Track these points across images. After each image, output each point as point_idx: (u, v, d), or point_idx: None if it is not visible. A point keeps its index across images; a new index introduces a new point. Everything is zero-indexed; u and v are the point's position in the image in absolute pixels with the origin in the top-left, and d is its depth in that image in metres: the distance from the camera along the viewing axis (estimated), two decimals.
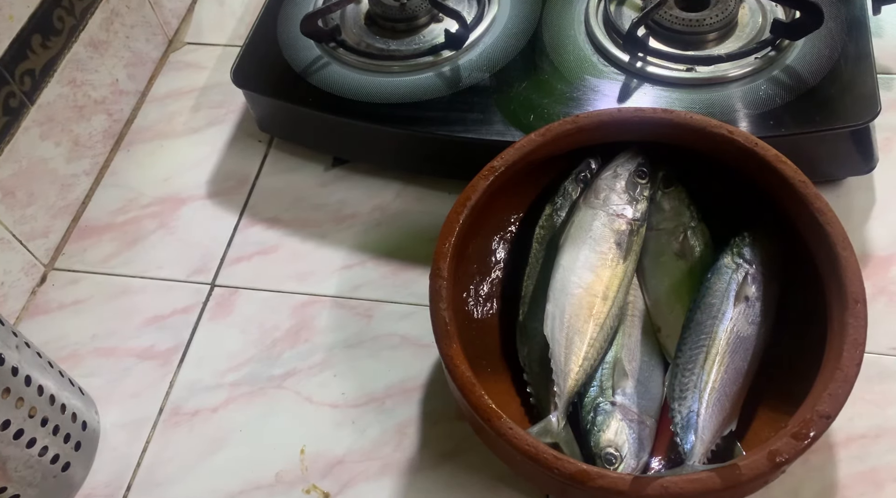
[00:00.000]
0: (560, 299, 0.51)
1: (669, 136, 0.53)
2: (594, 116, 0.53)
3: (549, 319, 0.50)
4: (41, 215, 0.65)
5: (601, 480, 0.41)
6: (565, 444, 0.47)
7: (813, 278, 0.48)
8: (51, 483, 0.52)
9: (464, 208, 0.50)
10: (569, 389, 0.48)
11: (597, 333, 0.50)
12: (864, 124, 0.57)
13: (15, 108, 0.62)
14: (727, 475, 0.40)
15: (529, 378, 0.52)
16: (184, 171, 0.71)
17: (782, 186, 0.49)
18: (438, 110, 0.62)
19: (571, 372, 0.48)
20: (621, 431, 0.47)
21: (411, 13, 0.68)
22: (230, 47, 0.81)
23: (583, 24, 0.66)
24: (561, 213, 0.55)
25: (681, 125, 0.52)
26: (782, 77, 0.60)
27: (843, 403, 0.41)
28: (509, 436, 0.43)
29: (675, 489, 0.40)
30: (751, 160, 0.50)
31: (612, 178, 0.54)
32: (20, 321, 0.64)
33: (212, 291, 0.64)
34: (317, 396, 0.57)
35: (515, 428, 0.43)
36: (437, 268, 0.48)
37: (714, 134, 0.51)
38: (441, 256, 0.49)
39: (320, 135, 0.69)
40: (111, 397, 0.59)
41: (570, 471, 0.41)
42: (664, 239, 0.55)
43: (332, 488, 0.53)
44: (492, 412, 0.44)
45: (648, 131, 0.53)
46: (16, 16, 0.62)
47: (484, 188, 0.51)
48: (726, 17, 0.62)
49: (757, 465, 0.40)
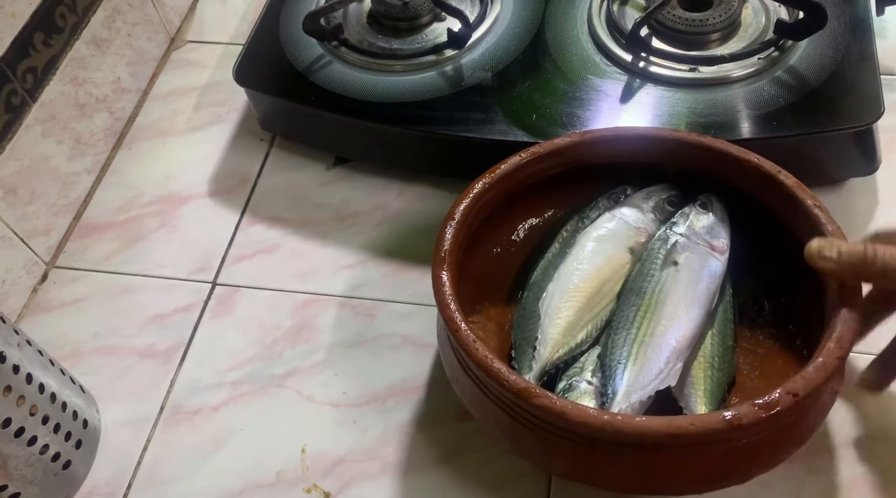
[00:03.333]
0: (563, 280, 0.52)
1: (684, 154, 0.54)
2: (624, 131, 0.55)
3: (547, 296, 0.51)
4: (43, 213, 0.65)
5: (544, 400, 0.41)
6: None
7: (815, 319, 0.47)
8: (51, 481, 0.52)
9: (471, 190, 0.52)
10: (547, 355, 0.49)
11: (588, 316, 0.50)
12: (867, 125, 0.57)
13: (17, 106, 0.62)
14: (675, 423, 0.40)
15: (515, 354, 0.52)
16: (185, 170, 0.71)
17: (797, 214, 0.49)
18: (441, 110, 0.62)
19: (552, 339, 0.49)
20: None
21: (414, 12, 0.68)
22: (232, 46, 0.81)
23: (586, 24, 0.66)
24: (586, 222, 0.56)
25: (694, 146, 0.53)
26: (785, 78, 0.60)
27: (814, 386, 0.41)
28: (470, 347, 0.44)
29: (618, 424, 0.40)
30: (768, 186, 0.50)
31: (643, 199, 0.55)
32: (21, 319, 0.64)
33: (213, 290, 0.63)
34: (318, 396, 0.57)
35: (479, 342, 0.44)
36: (439, 246, 0.49)
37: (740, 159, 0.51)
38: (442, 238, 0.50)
39: (322, 134, 0.69)
40: (112, 396, 0.59)
41: (517, 386, 0.42)
42: None
43: (333, 488, 0.53)
44: (457, 325, 0.45)
45: (667, 151, 0.54)
46: (18, 13, 0.62)
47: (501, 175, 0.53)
48: (729, 17, 0.62)
49: (712, 420, 0.39)
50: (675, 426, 0.40)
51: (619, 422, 0.40)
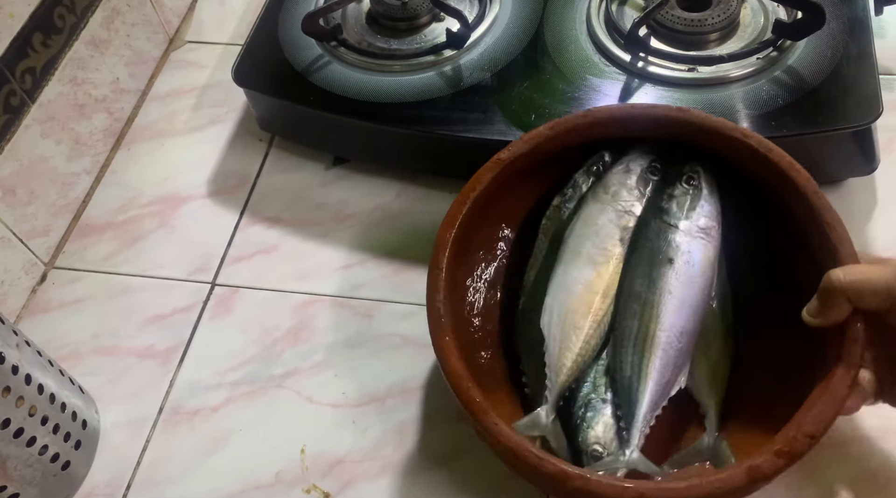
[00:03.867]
0: (559, 294, 0.50)
1: (683, 134, 0.52)
2: (606, 111, 0.53)
3: (547, 313, 0.50)
4: (42, 214, 0.65)
5: (578, 482, 0.41)
6: (553, 437, 0.47)
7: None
8: (51, 482, 0.52)
9: (467, 200, 0.50)
10: (560, 383, 0.48)
11: (593, 331, 0.50)
12: (866, 125, 0.57)
13: (16, 107, 0.62)
14: (704, 486, 0.40)
15: (525, 367, 0.51)
16: (184, 170, 0.71)
17: (794, 196, 0.48)
18: (440, 110, 0.62)
19: (564, 367, 0.48)
20: (609, 428, 0.47)
21: (412, 12, 0.68)
22: (231, 46, 0.81)
23: (584, 24, 0.66)
24: (569, 205, 0.54)
25: (695, 124, 0.51)
26: (784, 78, 0.60)
27: (830, 424, 0.41)
28: (494, 431, 0.43)
29: (651, 495, 0.40)
30: (764, 165, 0.50)
31: (624, 173, 0.53)
32: (20, 320, 0.64)
33: (212, 291, 0.63)
34: (317, 396, 0.57)
35: (500, 425, 0.43)
36: (435, 259, 0.48)
37: (729, 136, 0.50)
38: (440, 248, 0.48)
39: (321, 134, 0.69)
40: (111, 396, 0.59)
41: (549, 470, 0.41)
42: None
43: (332, 488, 0.53)
44: (478, 407, 0.43)
45: (662, 128, 0.53)
46: (16, 14, 0.62)
47: (489, 180, 0.50)
48: (728, 17, 0.62)
49: (734, 479, 0.40)
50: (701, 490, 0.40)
51: (645, 489, 0.40)
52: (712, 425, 0.48)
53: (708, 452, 0.47)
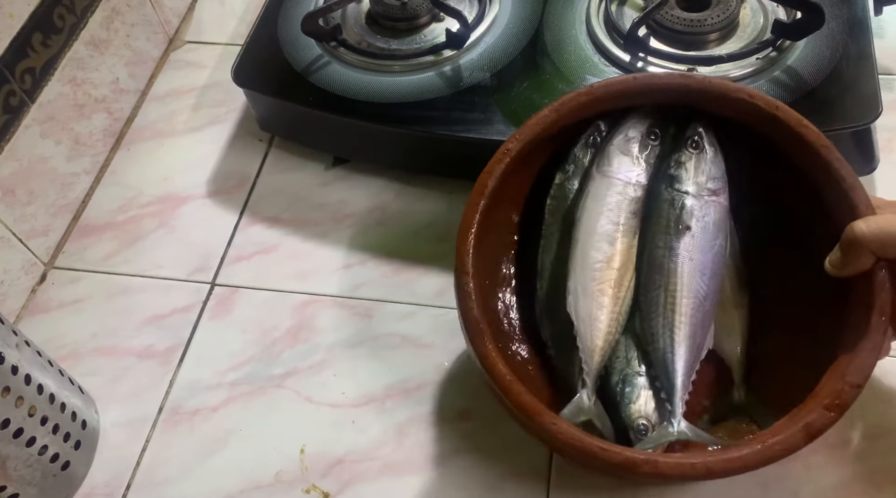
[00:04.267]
0: (581, 275, 0.50)
1: (688, 100, 0.52)
2: (609, 85, 0.52)
3: (572, 296, 0.50)
4: (41, 214, 0.65)
5: (647, 467, 0.41)
6: (597, 418, 0.47)
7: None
8: (50, 482, 0.52)
9: (481, 197, 0.49)
10: (596, 364, 0.48)
11: (620, 307, 0.50)
12: (866, 125, 0.57)
13: (15, 107, 0.62)
14: (765, 450, 0.41)
15: (553, 353, 0.51)
16: (184, 170, 0.71)
17: (804, 152, 0.48)
18: (439, 110, 0.62)
19: (598, 348, 0.48)
20: (650, 401, 0.48)
21: (412, 12, 0.68)
22: (231, 46, 0.81)
23: (584, 24, 0.66)
24: (573, 182, 0.54)
25: (699, 90, 0.51)
26: (783, 78, 0.60)
27: (871, 372, 0.41)
28: (554, 432, 0.43)
29: (719, 468, 0.40)
30: (772, 124, 0.49)
31: (624, 143, 0.52)
32: (20, 320, 0.64)
33: (212, 291, 0.63)
34: (317, 396, 0.57)
35: (558, 422, 0.43)
36: (461, 263, 0.47)
37: (734, 98, 0.50)
38: (464, 252, 0.48)
39: (321, 134, 0.69)
40: (111, 396, 0.59)
41: (617, 460, 0.42)
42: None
43: (331, 488, 0.53)
44: (533, 409, 0.43)
45: (666, 97, 0.52)
46: (16, 14, 0.62)
47: (500, 173, 0.50)
48: (727, 17, 0.62)
49: (793, 439, 0.41)
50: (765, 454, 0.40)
51: (711, 463, 0.41)
52: (740, 379, 0.48)
53: (742, 406, 0.48)
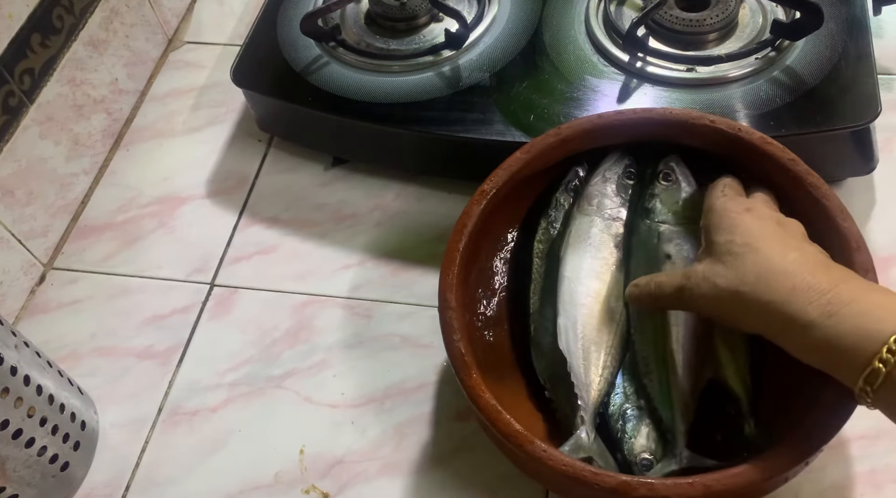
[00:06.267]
0: (570, 312, 0.50)
1: (654, 134, 0.53)
2: (576, 125, 0.53)
3: (563, 333, 0.50)
4: (40, 215, 0.65)
5: (643, 490, 0.41)
6: (599, 456, 0.47)
7: None
8: (50, 483, 0.52)
9: (461, 236, 0.50)
10: (593, 400, 0.48)
11: (612, 340, 0.50)
12: (865, 125, 0.57)
13: (14, 108, 0.62)
14: (767, 466, 0.41)
15: (550, 394, 0.51)
16: (183, 171, 0.71)
17: (773, 168, 0.49)
18: (438, 110, 0.62)
19: (593, 383, 0.48)
20: (652, 435, 0.48)
21: (411, 13, 0.68)
22: (230, 46, 0.81)
23: (583, 24, 0.66)
24: (556, 225, 0.55)
25: (662, 121, 0.52)
26: (782, 77, 0.60)
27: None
28: (544, 459, 0.43)
29: (719, 487, 0.41)
30: (738, 146, 0.51)
31: (602, 183, 0.54)
32: (19, 321, 0.64)
33: (211, 291, 0.63)
34: (316, 397, 0.57)
35: (549, 450, 0.43)
36: (444, 299, 0.48)
37: (697, 125, 0.51)
38: (447, 287, 0.48)
39: (320, 134, 0.69)
40: (110, 397, 0.59)
41: (610, 485, 0.41)
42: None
43: (331, 489, 0.53)
44: (523, 438, 0.43)
45: (632, 132, 0.53)
46: (15, 14, 0.62)
47: (479, 213, 0.51)
48: (726, 17, 0.62)
49: (797, 453, 0.41)
50: (769, 469, 0.41)
51: (710, 481, 0.41)
52: (747, 410, 0.48)
53: (755, 440, 0.47)
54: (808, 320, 0.39)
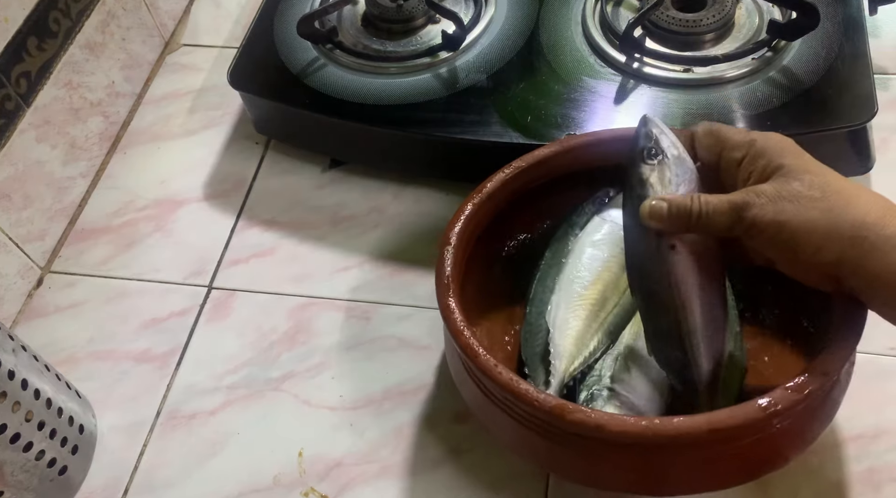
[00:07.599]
0: (566, 290, 0.51)
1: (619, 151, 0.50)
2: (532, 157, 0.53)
3: (553, 308, 0.51)
4: (37, 218, 0.65)
5: (578, 414, 0.41)
6: None
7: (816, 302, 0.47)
8: (48, 487, 0.52)
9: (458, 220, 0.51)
10: (563, 368, 0.48)
11: (596, 324, 0.50)
12: (861, 125, 0.57)
13: (11, 111, 0.62)
14: (714, 418, 0.40)
15: (528, 370, 0.51)
16: (180, 174, 0.71)
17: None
18: (436, 112, 0.62)
19: (567, 352, 0.49)
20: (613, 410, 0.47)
21: (408, 14, 0.68)
22: (227, 49, 0.81)
23: (580, 25, 0.66)
24: (576, 231, 0.55)
25: (616, 139, 0.52)
26: (779, 78, 0.60)
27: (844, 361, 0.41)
28: (493, 372, 0.43)
29: (657, 428, 0.40)
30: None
31: (579, 218, 0.55)
32: (16, 325, 0.63)
33: (209, 294, 0.63)
34: (315, 399, 0.57)
35: (500, 366, 0.43)
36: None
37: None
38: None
39: (317, 137, 0.69)
40: (108, 401, 0.58)
41: (549, 405, 0.41)
42: None
43: (330, 491, 0.53)
44: (475, 351, 0.44)
45: (594, 156, 0.53)
46: (11, 18, 0.62)
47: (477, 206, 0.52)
48: (723, 17, 0.62)
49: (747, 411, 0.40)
50: (714, 421, 0.39)
51: (658, 426, 0.40)
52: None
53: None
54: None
